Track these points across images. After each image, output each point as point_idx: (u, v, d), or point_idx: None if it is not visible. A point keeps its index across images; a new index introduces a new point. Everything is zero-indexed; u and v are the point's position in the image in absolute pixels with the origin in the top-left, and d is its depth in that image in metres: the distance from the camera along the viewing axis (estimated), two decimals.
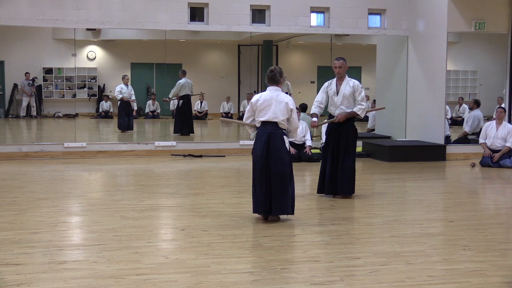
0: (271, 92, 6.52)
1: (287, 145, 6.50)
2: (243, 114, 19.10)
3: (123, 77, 15.59)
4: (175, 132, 14.97)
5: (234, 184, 9.43)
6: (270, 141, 6.40)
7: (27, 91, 16.91)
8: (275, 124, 6.44)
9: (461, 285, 4.52)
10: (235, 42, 17.01)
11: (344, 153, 7.88)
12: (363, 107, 7.87)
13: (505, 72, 12.98)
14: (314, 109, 8.08)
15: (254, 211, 6.58)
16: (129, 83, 15.70)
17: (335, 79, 8.01)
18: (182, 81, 15.24)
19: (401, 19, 13.63)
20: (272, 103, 6.43)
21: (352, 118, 7.98)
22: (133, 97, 15.72)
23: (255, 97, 6.59)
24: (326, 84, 8.09)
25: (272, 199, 6.41)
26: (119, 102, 15.50)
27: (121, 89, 15.44)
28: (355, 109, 7.87)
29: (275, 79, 6.55)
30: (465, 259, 5.19)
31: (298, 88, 17.94)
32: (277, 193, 6.40)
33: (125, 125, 15.35)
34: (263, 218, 6.52)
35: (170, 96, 15.43)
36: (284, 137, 6.48)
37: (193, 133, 15.26)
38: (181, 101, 15.26)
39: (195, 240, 5.71)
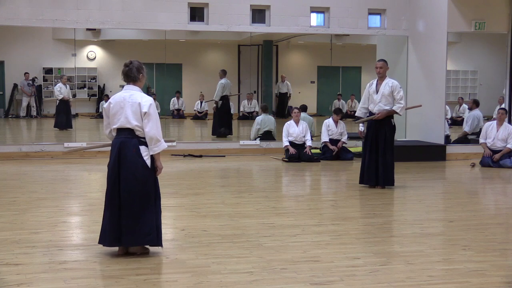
0: (125, 92, 5.19)
1: (146, 157, 5.14)
2: (243, 115, 18.93)
3: (62, 77, 15.67)
4: (213, 134, 14.61)
5: (234, 184, 9.42)
6: (121, 151, 5.10)
7: (27, 91, 16.90)
8: (129, 131, 5.10)
9: (461, 285, 4.52)
10: (235, 42, 17.01)
11: (384, 148, 8.59)
12: (402, 105, 8.60)
13: (505, 72, 12.96)
14: (358, 112, 8.85)
15: (101, 241, 5.20)
16: (67, 83, 15.76)
17: (376, 79, 8.68)
18: (223, 81, 14.76)
19: (401, 19, 13.63)
20: (124, 105, 5.10)
21: (390, 115, 8.62)
22: (71, 97, 15.78)
23: (109, 100, 5.27)
24: (368, 84, 8.83)
25: (121, 224, 5.09)
26: (58, 101, 15.43)
27: (60, 89, 15.43)
28: (394, 108, 8.57)
29: (131, 75, 5.21)
30: (465, 259, 5.18)
31: (298, 88, 17.96)
32: (128, 217, 5.08)
33: (63, 124, 15.32)
34: (121, 251, 5.18)
35: (216, 99, 14.84)
36: (142, 147, 5.12)
37: (231, 134, 14.79)
38: (220, 102, 14.78)
39: (195, 240, 5.71)
